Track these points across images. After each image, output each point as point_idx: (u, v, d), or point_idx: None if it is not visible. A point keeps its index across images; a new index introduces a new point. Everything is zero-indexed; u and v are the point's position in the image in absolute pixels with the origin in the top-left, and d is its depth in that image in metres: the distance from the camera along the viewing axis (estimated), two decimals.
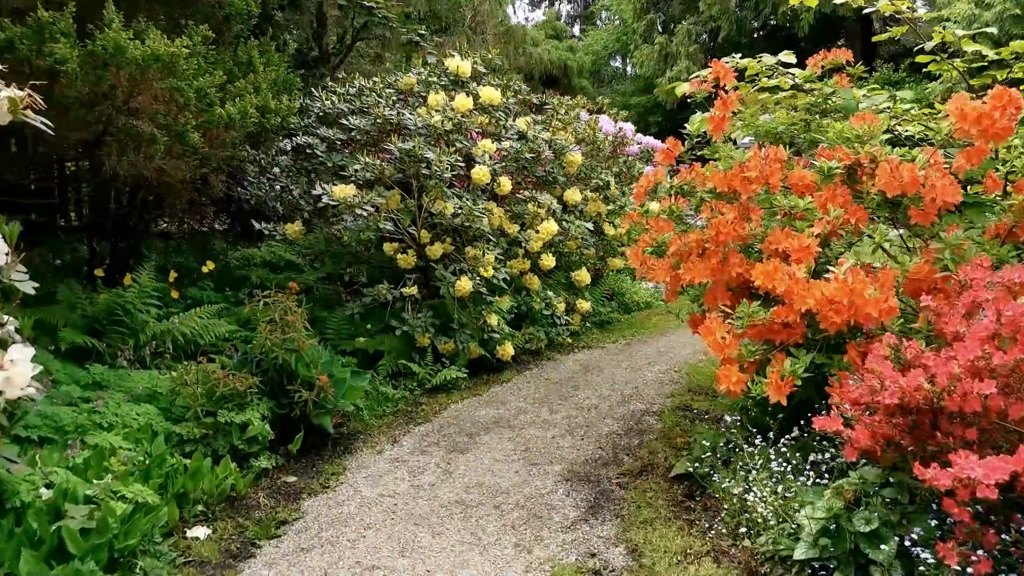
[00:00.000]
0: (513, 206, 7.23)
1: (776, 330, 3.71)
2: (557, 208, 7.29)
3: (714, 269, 4.01)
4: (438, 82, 7.34)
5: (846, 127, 4.26)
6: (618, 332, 7.98)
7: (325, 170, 6.83)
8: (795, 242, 3.69)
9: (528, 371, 6.68)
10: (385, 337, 6.31)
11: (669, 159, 4.54)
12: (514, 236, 7.04)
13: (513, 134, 7.38)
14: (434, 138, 6.76)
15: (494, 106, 7.23)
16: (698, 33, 26.84)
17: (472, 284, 6.17)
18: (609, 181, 8.12)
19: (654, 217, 4.53)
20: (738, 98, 4.33)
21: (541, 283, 7.30)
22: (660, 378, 6.25)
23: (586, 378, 6.36)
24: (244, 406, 4.57)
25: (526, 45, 17.08)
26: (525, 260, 7.10)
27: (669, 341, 7.55)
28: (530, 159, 7.17)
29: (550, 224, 6.98)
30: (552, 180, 7.58)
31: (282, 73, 6.78)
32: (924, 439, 2.90)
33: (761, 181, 4.02)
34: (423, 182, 6.41)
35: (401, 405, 5.74)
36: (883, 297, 3.26)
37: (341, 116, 6.94)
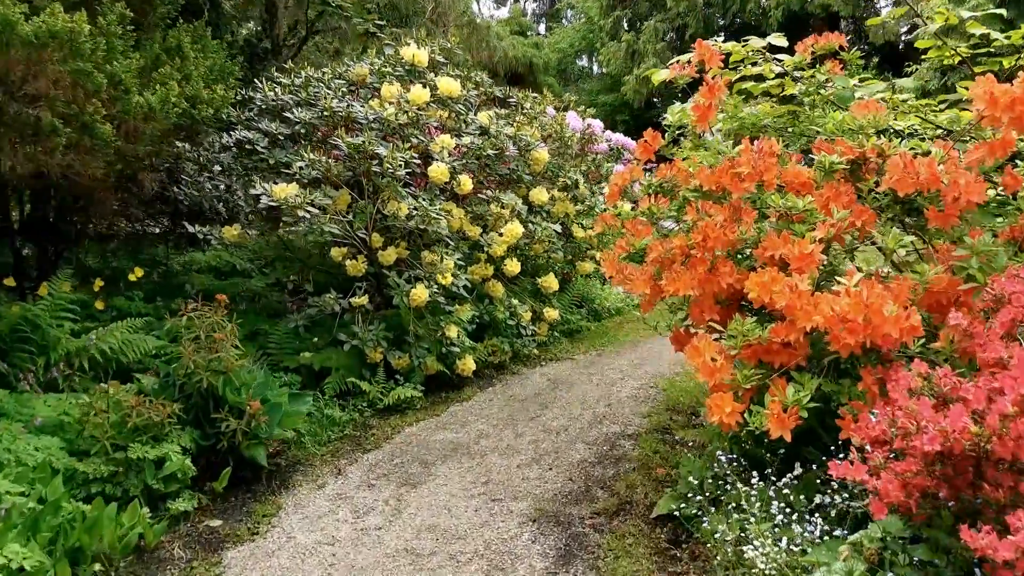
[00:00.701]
0: (475, 207, 6.67)
1: (775, 351, 3.20)
2: (522, 209, 6.75)
3: (701, 279, 3.48)
4: (393, 73, 6.76)
5: (847, 117, 3.76)
6: (588, 342, 7.45)
7: (267, 168, 6.22)
8: (795, 248, 3.17)
9: (491, 387, 6.12)
10: (333, 352, 5.71)
11: (648, 153, 4.01)
12: (476, 239, 6.49)
13: (474, 129, 6.83)
14: (388, 133, 6.18)
15: (453, 98, 6.67)
16: (665, 31, 26.45)
17: (429, 293, 5.59)
18: (578, 180, 7.58)
19: (631, 219, 4.00)
20: (727, 84, 3.80)
21: (505, 290, 6.75)
22: (635, 394, 5.72)
23: (554, 395, 5.82)
24: (162, 438, 3.97)
25: (490, 38, 16.50)
26: (488, 265, 6.54)
27: (643, 352, 7.03)
28: (493, 156, 6.61)
29: (515, 226, 6.43)
30: (517, 179, 7.04)
31: (219, 61, 6.17)
32: (965, 490, 2.39)
33: (754, 178, 3.50)
34: (374, 181, 5.83)
35: (349, 429, 5.15)
36: (904, 314, 2.75)
37: (285, 108, 6.33)
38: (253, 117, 6.50)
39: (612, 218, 4.31)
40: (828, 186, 3.45)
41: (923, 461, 2.29)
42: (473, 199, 6.77)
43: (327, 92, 6.26)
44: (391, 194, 5.82)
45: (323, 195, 5.60)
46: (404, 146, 5.93)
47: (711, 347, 3.23)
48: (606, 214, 4.34)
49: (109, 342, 5.04)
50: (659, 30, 26.30)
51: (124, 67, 4.48)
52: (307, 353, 5.70)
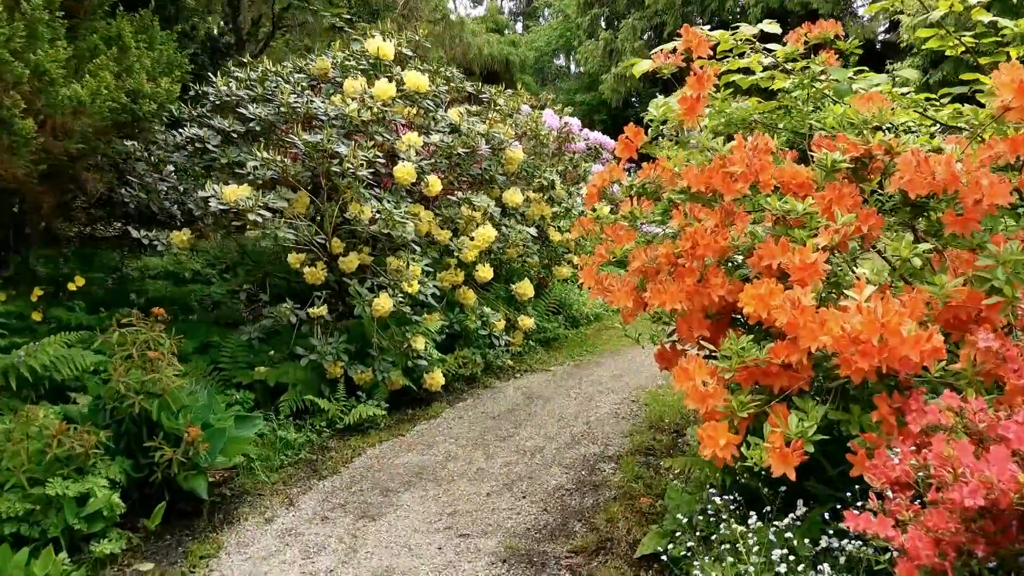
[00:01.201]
0: (444, 209, 6.27)
1: (774, 373, 2.82)
2: (495, 211, 6.35)
3: (690, 292, 3.10)
4: (357, 67, 6.35)
5: (849, 110, 3.40)
6: (566, 351, 7.06)
7: (220, 167, 5.78)
8: (796, 257, 2.80)
9: (461, 402, 5.72)
10: (290, 366, 5.29)
11: (629, 151, 3.62)
12: (445, 244, 6.08)
13: (444, 127, 6.43)
14: (351, 131, 5.77)
15: (421, 94, 6.26)
16: (643, 29, 26.13)
17: (393, 302, 5.18)
18: (554, 180, 7.20)
19: (611, 224, 3.62)
20: (716, 74, 3.43)
21: (478, 297, 6.35)
22: (616, 410, 5.34)
23: (529, 411, 5.42)
24: (87, 470, 3.54)
25: (464, 35, 16.08)
26: (458, 271, 6.14)
27: (624, 362, 6.66)
28: (464, 155, 6.21)
29: (487, 230, 6.03)
30: (490, 179, 6.64)
31: (167, 53, 5.73)
32: (1006, 546, 2.02)
33: (748, 178, 3.13)
34: (335, 181, 5.42)
35: (305, 452, 4.73)
36: (925, 334, 2.38)
37: (240, 104, 5.90)
38: (206, 113, 6.06)
39: (590, 222, 3.93)
40: (830, 187, 3.08)
41: (962, 517, 1.92)
42: (443, 201, 6.37)
43: (286, 87, 5.83)
44: (353, 196, 5.42)
45: (279, 197, 5.18)
46: (368, 145, 5.53)
47: (702, 369, 2.86)
48: (584, 218, 3.95)
49: (40, 358, 4.59)
50: (637, 28, 25.98)
51: (50, 57, 4.04)
52: (262, 368, 5.28)
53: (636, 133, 3.62)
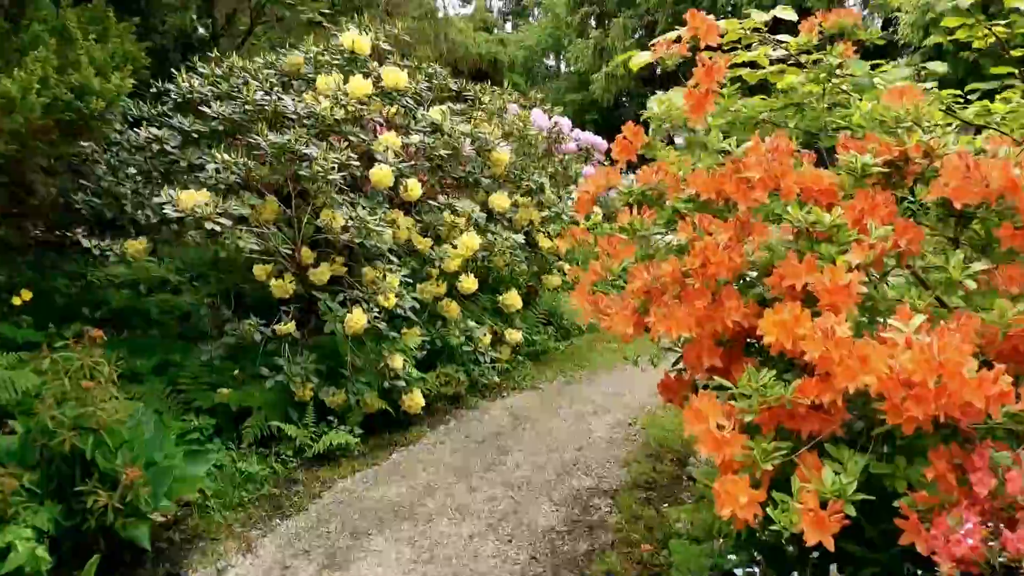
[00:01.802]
0: (425, 215, 5.83)
1: (803, 416, 2.39)
2: (481, 217, 5.92)
3: (700, 316, 2.67)
4: (331, 62, 5.91)
5: (878, 107, 2.98)
6: (556, 366, 6.62)
7: (180, 170, 5.33)
8: (825, 277, 2.37)
9: (443, 425, 5.28)
10: (255, 388, 4.84)
11: (628, 153, 3.19)
12: (426, 253, 5.64)
13: (425, 126, 5.99)
14: (324, 131, 5.33)
15: (400, 91, 5.83)
16: (634, 27, 25.79)
17: (369, 317, 4.74)
18: (543, 183, 6.77)
19: (606, 235, 3.18)
20: (727, 64, 3.00)
21: (461, 310, 5.90)
22: (611, 435, 4.91)
23: (517, 435, 4.99)
24: (8, 519, 3.09)
25: (450, 31, 15.63)
26: (440, 283, 5.70)
27: (619, 379, 6.23)
28: (446, 156, 5.78)
29: (470, 238, 5.59)
30: (475, 183, 6.21)
31: (122, 46, 5.27)
32: None
33: (768, 184, 2.70)
34: (304, 186, 4.98)
35: (269, 486, 4.28)
36: (991, 375, 1.97)
37: (204, 102, 5.45)
38: (167, 112, 5.61)
39: (582, 232, 3.50)
40: (861, 194, 2.65)
41: None
42: (424, 206, 5.93)
43: (253, 84, 5.38)
44: (324, 202, 4.98)
45: (242, 203, 4.73)
46: (342, 146, 5.09)
47: (716, 410, 2.42)
48: (576, 228, 3.52)
49: None
50: (628, 27, 25.63)
51: None
52: (224, 390, 4.83)
53: (636, 133, 3.18)
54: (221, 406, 4.74)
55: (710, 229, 2.77)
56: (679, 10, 25.68)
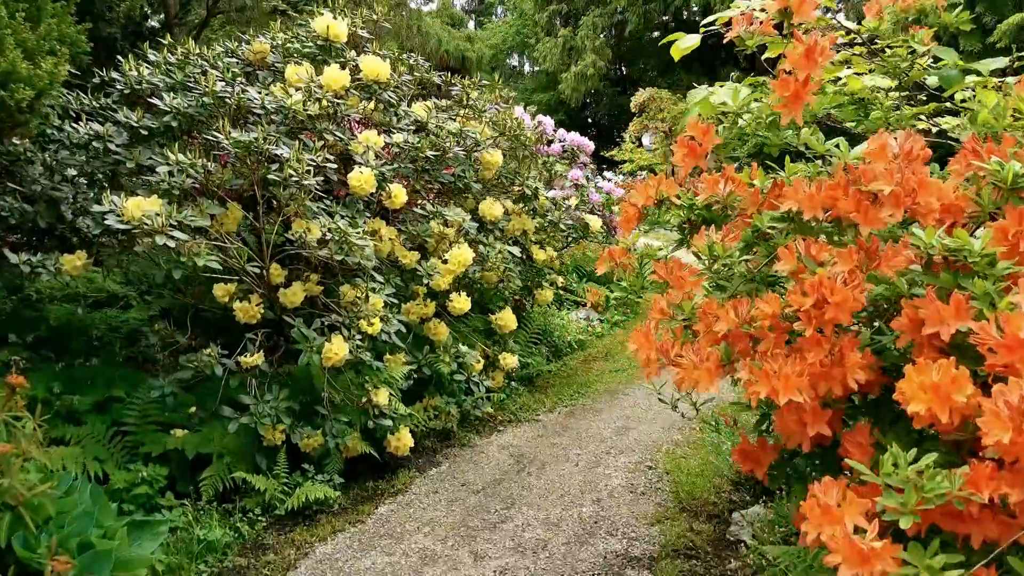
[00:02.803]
0: (410, 225, 5.15)
1: (975, 518, 1.77)
2: (472, 227, 5.24)
3: (815, 374, 2.04)
4: (302, 50, 5.19)
5: (1016, 98, 2.40)
6: (554, 393, 5.96)
7: (128, 172, 4.59)
8: (993, 328, 1.75)
9: (434, 469, 4.59)
10: (216, 429, 4.12)
11: (695, 157, 2.54)
12: (412, 268, 4.95)
13: (408, 124, 5.32)
14: (294, 129, 4.63)
15: (381, 84, 5.13)
16: (604, 26, 25.25)
17: (351, 347, 4.05)
18: (537, 188, 6.11)
19: (668, 261, 2.53)
20: (832, 43, 2.35)
21: (450, 332, 5.22)
22: (631, 481, 4.27)
23: (522, 482, 4.33)
24: None
25: (421, 23, 14.89)
26: (428, 302, 5.02)
27: (626, 407, 5.60)
28: (433, 158, 5.09)
29: (463, 251, 4.92)
30: (464, 188, 5.53)
31: (60, 27, 4.51)
32: None
33: (901, 201, 2.07)
34: (274, 192, 4.27)
35: (232, 555, 3.56)
36: None
37: (155, 93, 4.70)
38: (112, 105, 4.85)
39: (622, 253, 2.87)
40: (1013, 213, 2.03)
41: None
42: (408, 214, 5.25)
43: (213, 73, 4.65)
44: (297, 211, 4.28)
45: (200, 213, 4.00)
46: (316, 146, 4.39)
47: (853, 507, 1.79)
48: (616, 248, 2.88)
49: None
50: (597, 25, 25.11)
51: None
52: (179, 431, 4.11)
53: (705, 132, 2.53)
54: (175, 452, 4.01)
55: (821, 258, 2.14)
56: (649, 9, 25.24)
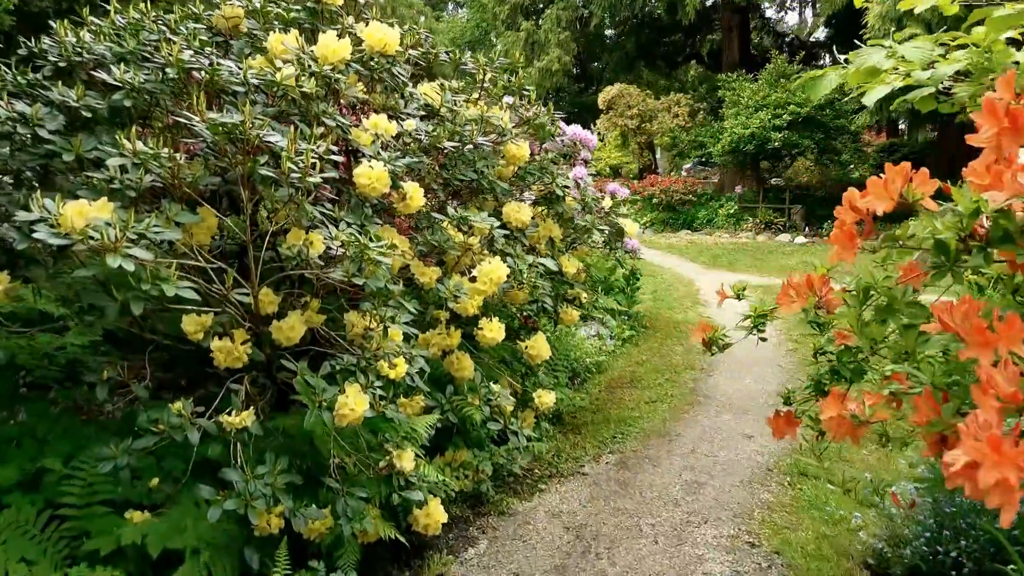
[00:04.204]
0: (427, 233, 4.13)
1: None
2: (500, 234, 4.25)
3: None
4: (285, 15, 4.14)
5: None
6: (591, 433, 4.99)
7: (65, 167, 3.50)
8: None
9: (471, 549, 3.59)
10: (189, 511, 3.07)
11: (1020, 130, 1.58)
12: (430, 287, 3.95)
13: (416, 108, 4.33)
14: (282, 112, 3.63)
15: (388, 57, 4.11)
16: (568, 19, 24.33)
17: (371, 399, 3.03)
18: (567, 188, 5.14)
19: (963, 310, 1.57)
20: None
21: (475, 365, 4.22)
22: (735, 568, 3.31)
23: (591, 569, 3.34)
24: None
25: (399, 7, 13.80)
26: (452, 330, 4.01)
27: (683, 452, 4.66)
28: (454, 150, 4.10)
29: (495, 267, 3.93)
30: (488, 188, 4.53)
31: None
32: None
33: None
34: (263, 193, 3.23)
35: None
36: None
37: (100, 65, 3.62)
38: (42, 80, 3.74)
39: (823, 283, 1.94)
40: None
41: None
42: (423, 220, 4.24)
43: (178, 41, 3.58)
44: (291, 216, 3.25)
45: (167, 222, 2.94)
46: (314, 133, 3.37)
47: None
48: (815, 277, 1.94)
49: None
50: (561, 18, 24.18)
51: None
52: (137, 514, 3.04)
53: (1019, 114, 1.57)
54: (133, 547, 2.94)
55: None
56: (615, 2, 24.41)
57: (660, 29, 25.75)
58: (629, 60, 26.94)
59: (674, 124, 22.56)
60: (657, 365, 6.72)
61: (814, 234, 18.85)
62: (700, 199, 21.77)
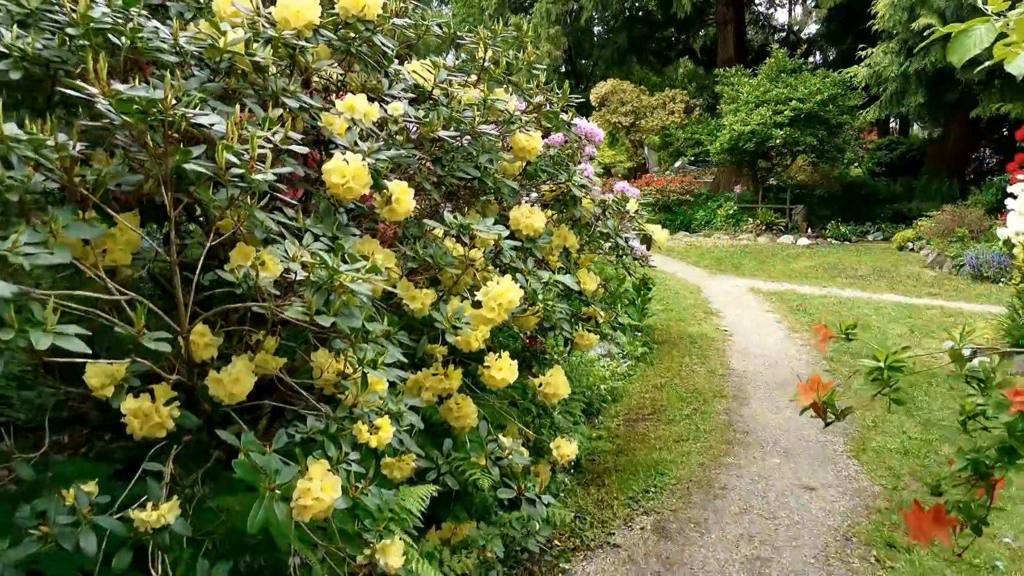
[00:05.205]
0: (417, 246, 3.27)
1: None
2: (509, 246, 3.39)
3: None
4: None
5: None
6: (616, 486, 4.14)
7: None
8: None
9: None
10: None
11: None
12: (423, 314, 3.10)
13: (402, 89, 3.51)
14: (237, 89, 2.79)
15: (367, 23, 3.27)
16: (558, 14, 23.49)
17: (345, 483, 2.18)
18: (585, 187, 4.29)
19: None
20: None
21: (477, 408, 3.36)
22: None
23: None
24: None
25: None
26: (451, 370, 3.16)
27: (735, 511, 3.83)
28: (452, 140, 3.27)
29: (505, 288, 3.07)
30: (491, 187, 3.69)
31: None
32: None
33: None
34: (198, 194, 2.37)
35: None
36: None
37: None
38: None
39: None
40: None
41: None
42: (412, 228, 3.39)
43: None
44: (240, 227, 2.40)
45: (53, 235, 2.07)
46: (270, 115, 2.53)
47: None
48: None
49: None
50: (551, 12, 23.33)
51: None
52: None
53: None
54: None
55: None
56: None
57: (652, 24, 24.98)
58: (621, 56, 26.15)
59: (669, 121, 21.76)
60: (679, 391, 5.89)
61: (817, 235, 18.09)
62: (697, 199, 20.98)
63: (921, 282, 11.61)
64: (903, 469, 4.48)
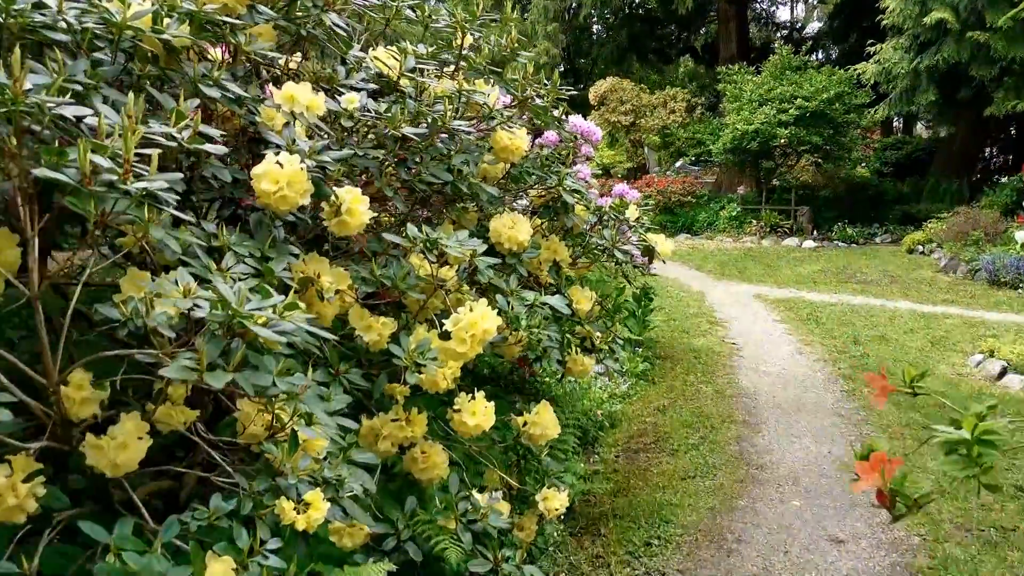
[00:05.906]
0: (375, 264, 2.74)
1: None
2: (486, 263, 2.86)
3: None
4: None
5: None
6: (614, 535, 3.59)
7: None
8: None
9: None
10: None
11: None
12: (382, 347, 2.58)
13: (363, 79, 2.99)
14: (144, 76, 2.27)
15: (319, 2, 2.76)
16: (557, 10, 22.98)
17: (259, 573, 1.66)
18: (579, 192, 3.76)
19: None
20: None
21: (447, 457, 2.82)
22: None
23: None
24: None
25: None
26: (414, 415, 2.63)
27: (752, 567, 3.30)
28: (420, 139, 2.75)
29: (479, 315, 2.53)
30: (467, 193, 3.15)
31: None
32: None
33: None
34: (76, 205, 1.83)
35: None
36: None
37: None
38: None
39: None
40: None
41: None
42: (375, 241, 2.86)
43: None
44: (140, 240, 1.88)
45: None
46: (181, 106, 2.01)
47: None
48: None
49: None
50: (549, 9, 22.82)
51: None
52: None
53: None
54: None
55: None
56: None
57: (653, 21, 24.49)
58: (620, 54, 25.64)
59: (670, 120, 21.23)
60: (684, 415, 5.35)
61: (823, 237, 17.54)
62: (699, 201, 20.42)
63: (936, 288, 11.07)
64: (942, 514, 3.95)
